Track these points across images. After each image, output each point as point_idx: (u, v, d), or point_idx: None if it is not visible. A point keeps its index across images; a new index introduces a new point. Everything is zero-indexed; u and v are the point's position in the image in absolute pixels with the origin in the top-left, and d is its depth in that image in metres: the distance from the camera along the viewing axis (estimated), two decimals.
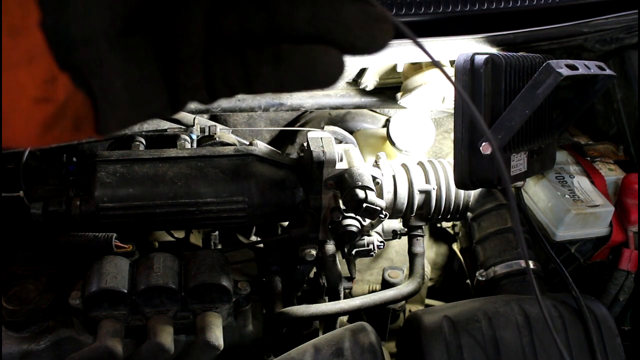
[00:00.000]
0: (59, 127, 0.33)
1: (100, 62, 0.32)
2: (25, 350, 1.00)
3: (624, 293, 1.26)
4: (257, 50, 0.34)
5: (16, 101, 0.32)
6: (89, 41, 0.31)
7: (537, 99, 0.95)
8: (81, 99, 0.32)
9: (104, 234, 1.08)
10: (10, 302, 0.99)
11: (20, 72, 0.31)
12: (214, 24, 0.35)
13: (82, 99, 0.32)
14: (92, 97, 0.33)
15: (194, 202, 1.08)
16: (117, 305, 0.99)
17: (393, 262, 1.48)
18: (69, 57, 0.31)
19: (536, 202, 1.23)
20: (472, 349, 0.97)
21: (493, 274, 1.16)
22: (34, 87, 0.31)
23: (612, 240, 1.23)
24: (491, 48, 1.19)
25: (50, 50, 0.31)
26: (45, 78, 0.31)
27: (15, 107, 0.32)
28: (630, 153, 1.36)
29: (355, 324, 1.02)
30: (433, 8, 1.15)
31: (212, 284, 1.01)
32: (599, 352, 0.98)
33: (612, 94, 1.39)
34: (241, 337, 1.10)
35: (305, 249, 1.17)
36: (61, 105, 0.32)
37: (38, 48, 0.31)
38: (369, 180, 1.11)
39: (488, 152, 0.97)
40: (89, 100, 0.33)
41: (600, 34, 1.26)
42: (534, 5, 1.21)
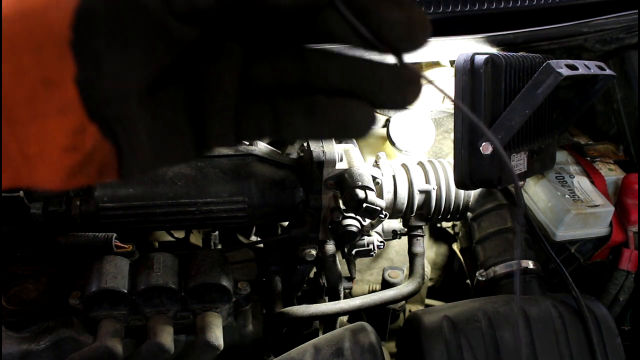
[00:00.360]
0: (84, 174, 0.34)
1: (129, 116, 0.33)
2: (25, 350, 1.00)
3: (624, 293, 1.26)
4: (290, 100, 0.35)
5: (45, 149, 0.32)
6: (120, 97, 0.32)
7: (537, 99, 0.95)
8: (107, 148, 0.33)
9: (104, 234, 1.08)
10: (10, 302, 0.99)
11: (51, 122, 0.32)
12: (247, 74, 0.35)
13: (108, 148, 0.33)
14: (118, 147, 0.33)
15: (193, 202, 1.08)
16: (117, 305, 0.99)
17: (393, 262, 1.48)
18: (99, 110, 0.32)
19: (536, 202, 1.23)
20: (472, 349, 0.97)
21: (493, 274, 1.16)
22: (63, 137, 0.32)
23: (612, 240, 1.23)
24: (491, 48, 1.19)
25: (82, 103, 0.32)
26: (75, 128, 0.32)
27: (44, 154, 0.33)
28: (630, 153, 1.36)
29: (355, 324, 1.02)
30: (433, 8, 1.15)
31: (212, 284, 1.01)
32: (599, 352, 0.98)
33: (612, 94, 1.39)
34: (241, 337, 1.10)
35: (305, 249, 1.17)
36: (88, 154, 0.33)
37: (71, 101, 0.31)
38: (369, 180, 1.11)
39: (488, 152, 0.97)
40: (114, 149, 0.33)
41: (600, 34, 1.26)
42: (534, 5, 1.21)
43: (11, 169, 0.33)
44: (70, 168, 0.33)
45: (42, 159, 0.33)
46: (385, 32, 0.33)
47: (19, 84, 0.31)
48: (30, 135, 0.32)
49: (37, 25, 0.31)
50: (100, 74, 0.31)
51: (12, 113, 0.31)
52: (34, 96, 0.31)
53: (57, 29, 0.31)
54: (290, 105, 0.35)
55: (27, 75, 0.31)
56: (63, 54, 0.31)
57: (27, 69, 0.31)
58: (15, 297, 1.00)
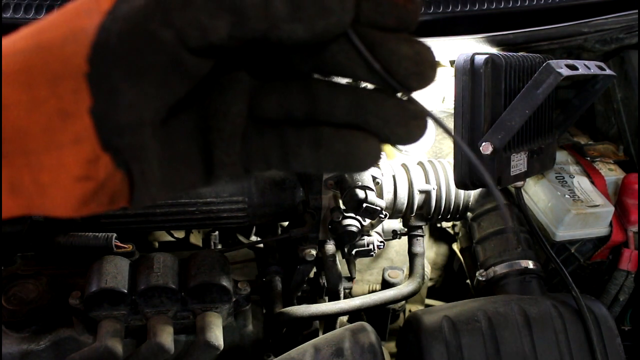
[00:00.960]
0: (95, 202, 0.34)
1: (142, 146, 0.33)
2: (25, 350, 1.00)
3: (624, 293, 1.26)
4: (297, 131, 0.36)
5: (58, 178, 0.33)
6: (134, 128, 0.32)
7: (537, 99, 0.95)
8: (119, 177, 0.34)
9: (104, 234, 1.08)
10: (10, 302, 0.99)
11: (65, 152, 0.32)
12: (255, 104, 0.36)
13: (120, 177, 0.34)
14: (130, 176, 0.34)
15: (193, 202, 1.08)
16: (117, 305, 0.99)
17: (393, 262, 1.48)
18: (112, 141, 0.32)
19: (536, 202, 1.23)
20: (472, 349, 0.97)
21: (493, 274, 1.16)
22: (77, 167, 0.33)
23: (612, 240, 1.23)
24: (491, 48, 1.19)
25: (96, 134, 0.32)
26: (88, 159, 0.32)
27: (57, 183, 0.33)
28: (630, 153, 1.36)
29: (355, 324, 1.02)
30: (433, 8, 1.15)
31: (212, 284, 1.01)
32: (599, 352, 0.98)
33: (612, 94, 1.39)
34: (241, 337, 1.10)
35: (305, 249, 1.17)
36: (100, 183, 0.33)
37: (85, 131, 0.32)
38: (369, 180, 1.11)
39: (488, 152, 0.97)
40: (126, 179, 0.34)
41: (600, 34, 1.26)
42: (534, 5, 1.21)
43: (24, 197, 0.34)
44: (82, 197, 0.34)
45: (56, 188, 0.33)
46: (393, 67, 0.33)
47: (35, 115, 0.32)
48: (45, 165, 0.32)
49: (54, 58, 0.32)
50: (115, 105, 0.32)
51: (27, 143, 0.32)
52: (50, 127, 0.32)
53: (74, 62, 0.31)
54: (298, 137, 0.35)
55: (43, 106, 0.31)
56: (79, 87, 0.31)
57: (43, 100, 0.31)
58: (15, 297, 1.00)
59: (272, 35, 0.31)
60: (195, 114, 0.35)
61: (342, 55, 0.34)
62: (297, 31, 0.31)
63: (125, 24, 0.31)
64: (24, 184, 0.33)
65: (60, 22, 0.33)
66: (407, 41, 0.34)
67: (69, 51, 0.32)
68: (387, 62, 0.33)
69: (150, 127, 0.33)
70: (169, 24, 0.31)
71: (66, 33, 0.32)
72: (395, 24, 0.34)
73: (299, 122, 0.36)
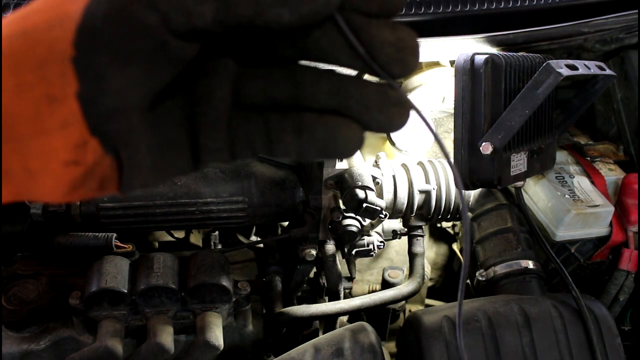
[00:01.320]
0: (85, 188, 0.35)
1: (129, 131, 0.33)
2: (25, 350, 1.00)
3: (624, 293, 1.26)
4: (280, 117, 0.36)
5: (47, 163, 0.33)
6: (121, 113, 0.33)
7: (537, 99, 0.95)
8: (108, 162, 0.34)
9: (104, 234, 1.08)
10: (10, 302, 0.99)
11: (54, 137, 0.32)
12: (239, 90, 0.36)
13: (109, 162, 0.34)
14: (119, 161, 0.34)
15: (193, 202, 1.08)
16: (117, 305, 0.99)
17: (393, 262, 1.48)
18: (100, 125, 0.33)
19: (536, 202, 1.23)
20: (472, 349, 0.97)
21: (493, 274, 1.16)
22: (65, 151, 0.33)
23: (612, 240, 1.23)
24: (491, 48, 1.19)
25: (84, 118, 0.32)
26: (76, 143, 0.33)
27: (46, 168, 0.33)
28: (630, 153, 1.36)
29: (355, 324, 1.02)
30: (433, 8, 1.15)
31: (212, 284, 1.01)
32: (599, 352, 0.98)
33: (612, 94, 1.39)
34: (241, 337, 1.10)
35: (305, 249, 1.17)
36: (89, 168, 0.34)
37: (73, 116, 0.32)
38: (369, 180, 1.11)
39: (488, 152, 0.97)
40: (115, 163, 0.34)
41: (600, 34, 1.26)
42: (534, 5, 1.21)
43: (13, 183, 0.34)
44: (72, 182, 0.34)
45: (45, 174, 0.33)
46: (375, 53, 0.33)
47: (22, 100, 0.32)
48: (33, 150, 0.33)
49: (39, 43, 0.32)
50: (102, 90, 0.32)
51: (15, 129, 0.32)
52: (37, 112, 0.32)
53: (60, 47, 0.31)
54: (281, 123, 0.36)
55: (30, 91, 0.32)
56: (65, 71, 0.32)
57: (29, 86, 0.32)
58: (15, 297, 1.00)
59: (258, 20, 0.31)
60: (182, 100, 0.35)
61: (325, 41, 0.34)
62: (283, 15, 0.31)
63: (110, 7, 0.31)
64: (13, 170, 0.33)
65: (46, 6, 0.33)
66: (389, 27, 0.34)
67: (54, 36, 0.32)
68: (369, 47, 0.33)
69: (138, 112, 0.33)
70: (153, 7, 0.31)
71: (51, 17, 0.32)
72: (378, 9, 0.34)
73: (282, 108, 0.36)
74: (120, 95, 0.32)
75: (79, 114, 0.32)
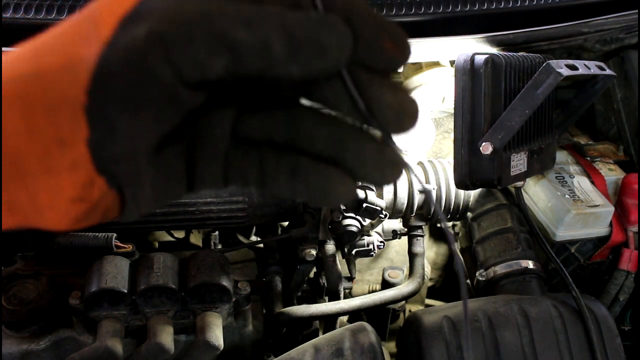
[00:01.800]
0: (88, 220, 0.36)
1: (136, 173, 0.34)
2: (25, 350, 1.00)
3: (624, 293, 1.26)
4: (276, 155, 0.37)
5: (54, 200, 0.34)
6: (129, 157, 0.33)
7: (537, 99, 0.95)
8: (112, 196, 0.35)
9: (104, 234, 1.08)
10: (10, 302, 0.99)
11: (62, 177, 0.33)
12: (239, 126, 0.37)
13: (113, 196, 0.35)
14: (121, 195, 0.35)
15: (194, 202, 1.08)
16: (117, 305, 0.99)
17: (393, 262, 1.48)
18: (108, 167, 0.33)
19: (536, 202, 1.23)
20: (472, 349, 0.97)
21: (493, 274, 1.16)
22: (72, 190, 0.34)
23: (612, 240, 1.23)
24: (491, 48, 1.19)
25: (92, 161, 0.33)
26: (84, 182, 0.33)
27: (53, 204, 0.34)
28: (630, 153, 1.36)
29: (355, 324, 1.02)
30: (433, 8, 1.15)
31: (212, 284, 1.01)
32: (599, 352, 0.98)
33: (612, 94, 1.39)
34: (241, 337, 1.10)
35: (305, 249, 1.17)
36: (94, 203, 0.35)
37: (82, 159, 0.33)
38: None
39: (488, 152, 0.97)
40: (118, 197, 0.35)
41: (600, 34, 1.26)
42: (534, 5, 1.21)
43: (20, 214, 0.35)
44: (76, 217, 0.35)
45: (51, 209, 0.34)
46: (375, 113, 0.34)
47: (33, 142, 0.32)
48: (41, 187, 0.33)
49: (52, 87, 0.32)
50: (111, 137, 0.32)
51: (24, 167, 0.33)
52: (47, 153, 0.32)
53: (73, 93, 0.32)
54: (276, 162, 0.36)
55: (41, 133, 0.32)
56: (77, 117, 0.32)
57: (41, 128, 0.32)
58: (15, 297, 1.00)
59: (268, 73, 0.32)
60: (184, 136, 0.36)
61: (329, 91, 0.34)
62: (293, 71, 0.32)
63: (125, 57, 0.31)
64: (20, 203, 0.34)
65: (59, 47, 0.33)
66: (392, 89, 0.34)
67: (67, 81, 0.32)
68: (371, 106, 0.34)
69: (144, 156, 0.34)
70: (168, 60, 0.31)
71: (64, 61, 0.32)
72: (384, 67, 0.34)
73: (279, 146, 0.36)
74: (129, 142, 0.33)
75: (87, 157, 0.33)
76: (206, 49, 0.31)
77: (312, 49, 0.31)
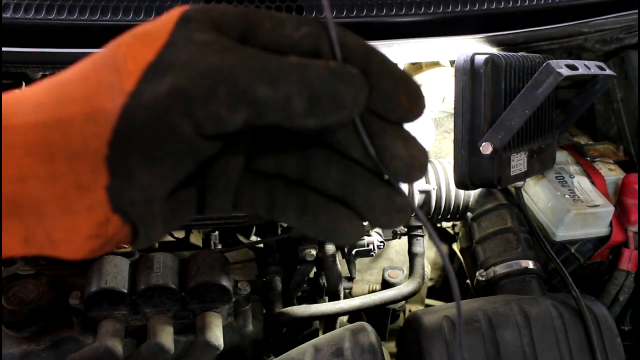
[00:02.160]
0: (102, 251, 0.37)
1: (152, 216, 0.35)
2: (25, 350, 1.00)
3: (624, 293, 1.26)
4: (287, 189, 0.38)
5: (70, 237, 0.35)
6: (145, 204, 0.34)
7: (537, 99, 0.95)
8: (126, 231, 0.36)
9: None
10: (10, 302, 0.99)
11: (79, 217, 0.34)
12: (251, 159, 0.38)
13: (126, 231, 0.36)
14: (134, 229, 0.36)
15: None
16: (117, 305, 0.99)
17: (393, 262, 1.48)
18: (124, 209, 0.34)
19: (536, 202, 1.23)
20: (472, 349, 0.97)
21: (493, 274, 1.16)
22: (88, 229, 0.35)
23: (612, 240, 1.23)
24: (491, 48, 1.19)
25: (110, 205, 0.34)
26: (99, 222, 0.34)
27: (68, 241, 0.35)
28: (630, 153, 1.36)
29: (355, 324, 1.02)
30: (433, 8, 1.15)
31: (212, 284, 1.01)
32: (599, 352, 0.98)
33: (612, 94, 1.39)
34: (241, 337, 1.10)
35: (305, 249, 1.17)
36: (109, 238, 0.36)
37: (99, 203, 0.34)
38: None
39: (488, 152, 0.97)
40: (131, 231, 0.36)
41: (600, 34, 1.26)
42: (534, 5, 1.21)
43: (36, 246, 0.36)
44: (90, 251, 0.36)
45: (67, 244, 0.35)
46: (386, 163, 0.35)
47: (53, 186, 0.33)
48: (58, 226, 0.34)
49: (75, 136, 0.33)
50: (130, 185, 0.33)
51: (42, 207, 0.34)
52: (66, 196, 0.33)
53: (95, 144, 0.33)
54: (286, 197, 0.38)
55: (61, 179, 0.33)
56: (97, 167, 0.33)
57: (61, 175, 0.33)
58: (15, 297, 1.00)
59: (285, 125, 0.33)
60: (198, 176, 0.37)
61: (341, 136, 0.35)
62: (309, 123, 0.32)
63: (148, 112, 0.32)
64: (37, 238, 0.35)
65: (82, 95, 0.33)
66: (403, 139, 0.35)
67: (90, 132, 0.33)
68: (381, 156, 0.35)
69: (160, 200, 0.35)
70: (190, 115, 0.32)
71: (88, 111, 0.33)
72: (397, 119, 0.35)
73: (290, 181, 0.37)
74: (146, 190, 0.34)
75: (105, 201, 0.34)
76: (227, 106, 0.31)
77: (330, 103, 0.32)
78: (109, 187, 0.33)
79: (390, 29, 1.16)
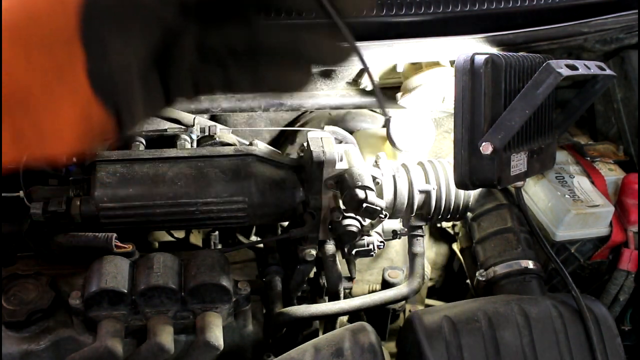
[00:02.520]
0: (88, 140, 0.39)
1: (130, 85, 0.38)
2: (25, 350, 1.00)
3: (624, 293, 1.26)
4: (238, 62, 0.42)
5: (56, 124, 0.37)
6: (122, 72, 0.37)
7: (537, 99, 0.95)
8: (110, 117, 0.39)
9: (104, 234, 1.08)
10: (10, 302, 0.99)
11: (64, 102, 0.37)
12: (203, 42, 0.42)
13: (110, 117, 0.39)
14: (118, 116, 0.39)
15: (193, 202, 1.08)
16: (117, 305, 0.99)
17: (393, 262, 1.48)
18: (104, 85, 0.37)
19: (536, 202, 1.23)
20: (472, 349, 0.97)
21: (493, 274, 1.16)
22: (73, 113, 0.37)
23: (612, 240, 1.23)
24: (491, 48, 1.19)
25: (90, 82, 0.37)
26: (83, 105, 0.37)
27: (55, 130, 0.37)
28: (630, 153, 1.36)
29: (355, 324, 1.02)
30: (433, 8, 1.16)
31: (212, 284, 1.01)
32: (599, 352, 0.98)
33: (612, 94, 1.39)
34: (241, 337, 1.10)
35: (305, 249, 1.17)
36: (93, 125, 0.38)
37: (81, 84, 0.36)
38: (369, 180, 1.11)
39: (488, 152, 0.97)
40: (114, 118, 0.39)
41: (600, 34, 1.26)
42: (534, 5, 1.21)
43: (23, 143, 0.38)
44: (77, 137, 0.38)
45: (54, 135, 0.37)
46: None
47: (33, 77, 0.35)
48: (44, 115, 0.36)
49: (46, 24, 0.35)
50: (105, 54, 0.36)
51: (27, 101, 0.36)
52: (48, 84, 0.36)
53: (66, 25, 0.35)
54: (238, 66, 0.42)
55: (40, 68, 0.35)
56: (72, 43, 0.35)
57: (39, 63, 0.35)
58: (15, 297, 1.00)
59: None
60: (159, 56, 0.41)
61: None
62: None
63: None
64: (24, 130, 0.37)
65: None
66: None
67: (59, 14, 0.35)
68: None
69: (136, 68, 0.38)
70: None
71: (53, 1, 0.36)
72: None
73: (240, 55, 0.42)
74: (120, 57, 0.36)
75: (85, 82, 0.36)
76: None
77: None
78: (87, 63, 0.35)
79: (390, 29, 1.16)
